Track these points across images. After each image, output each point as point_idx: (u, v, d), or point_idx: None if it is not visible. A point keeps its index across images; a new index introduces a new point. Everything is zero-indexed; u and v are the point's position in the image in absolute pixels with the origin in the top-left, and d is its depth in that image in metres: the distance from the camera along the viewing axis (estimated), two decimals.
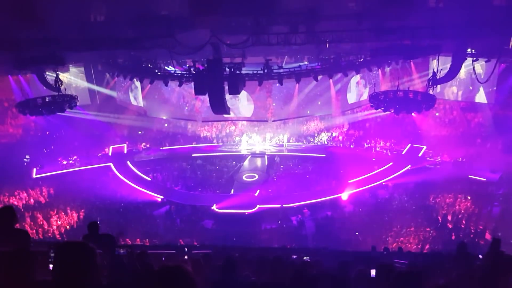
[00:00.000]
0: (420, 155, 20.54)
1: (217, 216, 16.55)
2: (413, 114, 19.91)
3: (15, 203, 17.03)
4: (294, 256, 8.30)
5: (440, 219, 15.94)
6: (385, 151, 21.45)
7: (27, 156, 20.80)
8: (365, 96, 23.27)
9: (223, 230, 15.43)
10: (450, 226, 15.57)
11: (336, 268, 6.08)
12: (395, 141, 22.15)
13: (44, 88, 18.34)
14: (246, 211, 16.52)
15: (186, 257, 8.06)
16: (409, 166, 19.38)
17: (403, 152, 21.19)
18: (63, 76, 19.11)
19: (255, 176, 20.18)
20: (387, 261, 7.79)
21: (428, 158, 20.09)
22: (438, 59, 15.02)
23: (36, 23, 12.49)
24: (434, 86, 15.30)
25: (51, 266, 4.16)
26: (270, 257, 6.23)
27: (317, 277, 5.33)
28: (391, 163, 19.86)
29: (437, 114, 22.48)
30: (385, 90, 18.26)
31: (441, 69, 15.45)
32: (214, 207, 16.65)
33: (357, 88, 23.73)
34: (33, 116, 17.91)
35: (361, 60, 19.22)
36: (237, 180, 20.00)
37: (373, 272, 5.49)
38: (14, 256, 2.75)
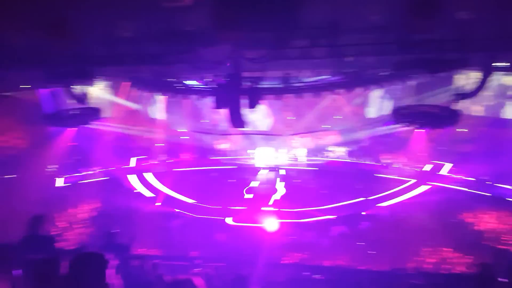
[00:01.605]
0: (442, 172, 19.99)
1: (230, 229, 16.56)
2: (436, 129, 19.46)
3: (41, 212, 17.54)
4: (307, 273, 8.20)
5: (461, 239, 15.42)
6: (405, 168, 20.99)
7: (53, 166, 21.49)
8: (386, 110, 22.90)
9: (236, 243, 15.40)
10: (471, 248, 15.03)
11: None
12: (416, 157, 21.65)
13: (71, 100, 18.98)
14: (259, 225, 16.45)
15: (196, 269, 8.10)
16: (431, 183, 18.89)
17: (425, 169, 20.67)
18: (89, 89, 19.76)
19: (268, 190, 20.10)
20: (402, 281, 7.60)
21: (450, 176, 19.52)
22: (464, 73, 14.69)
23: (65, 39, 13.04)
24: (459, 101, 14.96)
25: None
26: (282, 274, 6.20)
27: None
28: (412, 181, 19.40)
29: (461, 130, 21.90)
30: (408, 105, 17.97)
31: (467, 84, 15.12)
32: (227, 220, 16.67)
33: (378, 102, 23.41)
34: (59, 127, 18.65)
35: (384, 74, 19.00)
36: (251, 193, 19.96)
37: None
38: (42, 264, 2.85)
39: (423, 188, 18.67)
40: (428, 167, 20.71)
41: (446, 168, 20.10)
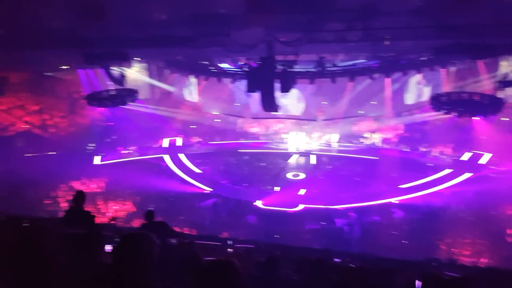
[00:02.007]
0: (482, 162, 19.16)
1: (260, 212, 16.70)
2: (477, 118, 18.61)
3: (79, 188, 18.46)
4: (337, 260, 8.19)
5: (500, 232, 14.83)
6: (443, 157, 20.28)
7: (91, 145, 22.39)
8: (425, 97, 22.07)
9: (266, 226, 15.53)
10: (510, 240, 14.44)
11: (380, 276, 5.92)
12: (455, 146, 20.84)
13: (109, 82, 19.60)
14: (290, 210, 16.50)
15: (229, 250, 8.28)
16: (469, 174, 18.17)
17: (464, 159, 19.89)
18: (127, 71, 20.31)
19: (300, 175, 20.05)
20: (435, 272, 7.44)
21: (491, 167, 18.69)
22: (509, 60, 13.86)
23: (102, 22, 13.45)
24: (504, 89, 14.20)
25: (107, 247, 4.48)
26: (312, 258, 6.22)
27: (360, 284, 5.23)
28: (450, 170, 18.75)
29: (504, 119, 20.82)
30: (448, 92, 17.25)
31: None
32: (258, 203, 16.82)
33: (417, 88, 22.58)
34: (99, 107, 19.37)
35: (423, 58, 18.23)
36: (282, 178, 20.00)
37: (418, 283, 5.29)
38: (85, 238, 2.98)
39: (461, 178, 17.98)
40: (467, 157, 19.91)
41: (486, 158, 19.23)
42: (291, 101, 22.93)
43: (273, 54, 15.05)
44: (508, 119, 20.76)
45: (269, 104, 15.49)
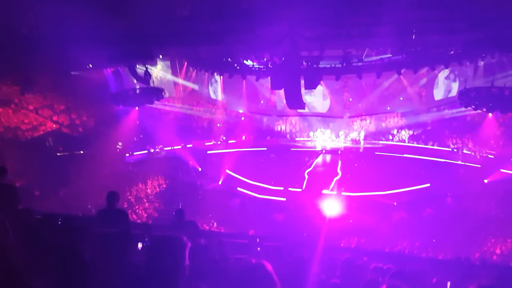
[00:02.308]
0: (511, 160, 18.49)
1: (288, 210, 16.70)
2: (507, 113, 17.97)
3: (110, 187, 18.87)
4: (365, 258, 8.10)
5: None
6: (473, 153, 19.69)
7: (120, 143, 22.86)
8: (454, 92, 21.46)
9: (293, 224, 15.52)
10: None
11: (411, 278, 5.82)
12: (484, 143, 20.18)
13: (135, 80, 19.90)
14: (319, 208, 16.39)
15: (258, 248, 8.32)
16: (500, 171, 17.57)
17: (494, 156, 19.25)
18: (152, 70, 20.53)
19: (329, 173, 19.88)
20: (465, 271, 7.27)
21: None
22: None
23: (126, 20, 13.63)
24: None
25: (139, 245, 4.57)
26: (341, 257, 6.17)
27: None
28: (479, 166, 18.20)
29: None
30: (477, 87, 16.72)
31: None
32: (286, 202, 16.83)
33: (445, 84, 21.98)
34: (125, 106, 19.70)
35: (452, 52, 17.72)
36: (309, 175, 19.88)
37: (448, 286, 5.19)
38: (116, 238, 3.04)
39: (492, 176, 17.42)
40: (498, 154, 19.26)
41: None
42: (316, 98, 22.73)
43: (298, 50, 14.89)
44: None
45: (294, 102, 15.34)
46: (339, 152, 21.66)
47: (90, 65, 21.86)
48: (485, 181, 17.34)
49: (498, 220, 15.12)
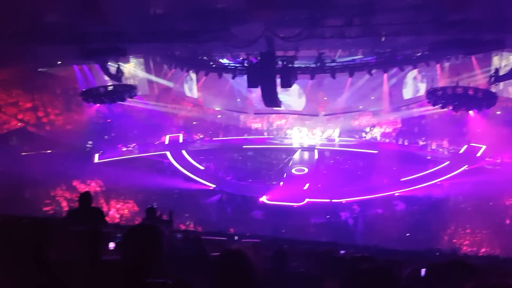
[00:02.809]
0: (478, 155, 19.43)
1: (266, 207, 16.81)
2: (471, 112, 18.88)
3: (80, 187, 18.38)
4: (342, 252, 8.30)
5: (498, 222, 15.11)
6: (441, 150, 20.54)
7: (90, 142, 22.24)
8: (422, 92, 22.29)
9: (272, 221, 15.66)
10: (509, 230, 14.72)
11: (387, 265, 6.04)
12: (452, 139, 21.10)
13: (106, 77, 19.45)
14: (295, 204, 16.64)
15: (236, 245, 8.35)
16: (467, 166, 18.44)
17: (461, 151, 20.16)
18: (124, 67, 20.13)
19: (304, 170, 20.19)
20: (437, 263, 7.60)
21: (487, 159, 18.97)
22: (501, 55, 14.06)
23: (100, 16, 13.35)
24: (497, 83, 14.40)
25: (111, 245, 4.48)
26: (319, 250, 6.32)
27: (369, 271, 5.33)
28: (448, 162, 19.01)
29: (498, 112, 21.08)
30: (443, 86, 17.45)
31: (505, 65, 14.45)
32: (263, 199, 16.93)
33: (413, 83, 22.79)
34: (96, 104, 19.17)
35: (419, 54, 18.43)
36: (286, 172, 20.13)
37: (423, 271, 5.42)
38: (87, 235, 2.94)
39: (459, 170, 18.25)
40: (464, 149, 20.19)
41: (482, 150, 19.53)
42: (292, 96, 22.99)
43: (273, 50, 15.08)
44: (499, 112, 21.07)
45: (271, 100, 15.54)
46: (315, 149, 22.03)
47: (59, 62, 21.24)
48: (453, 174, 18.09)
49: (466, 212, 15.83)
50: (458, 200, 16.89)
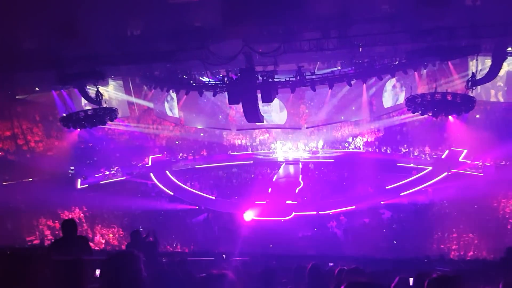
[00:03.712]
0: (460, 159, 19.76)
1: (253, 223, 16.66)
2: (450, 117, 19.26)
3: (64, 214, 17.93)
4: (331, 264, 8.22)
5: (484, 225, 15.27)
6: (423, 156, 20.81)
7: (72, 168, 21.82)
8: (401, 99, 22.70)
9: (260, 237, 15.50)
10: (494, 232, 14.88)
11: (375, 277, 5.98)
12: (433, 145, 21.44)
13: (86, 101, 19.24)
14: (282, 219, 16.54)
15: (224, 264, 8.20)
16: (449, 170, 18.70)
17: (443, 157, 20.48)
18: (103, 90, 19.98)
19: (290, 184, 20.15)
20: (426, 269, 7.58)
21: (469, 162, 19.29)
22: (477, 59, 14.43)
23: (76, 40, 13.21)
24: (474, 88, 14.72)
25: (97, 272, 4.36)
26: (307, 265, 6.24)
27: (357, 285, 5.27)
28: (430, 168, 19.25)
29: (477, 116, 21.59)
30: (422, 93, 17.77)
31: (481, 70, 14.83)
32: (250, 215, 16.79)
33: (393, 92, 23.20)
34: (76, 129, 18.84)
35: (396, 63, 18.82)
36: (272, 187, 20.05)
37: (411, 281, 5.37)
38: (70, 266, 2.87)
39: (442, 175, 18.50)
40: (446, 154, 20.51)
41: (464, 154, 19.87)
42: (273, 111, 23.12)
43: (253, 65, 15.16)
44: (479, 116, 21.58)
45: (252, 115, 15.53)
46: (300, 162, 22.07)
47: (37, 88, 20.95)
48: (437, 180, 18.27)
49: (451, 217, 15.98)
50: (443, 205, 17.05)
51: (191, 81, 19.96)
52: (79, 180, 20.96)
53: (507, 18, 11.47)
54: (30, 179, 20.48)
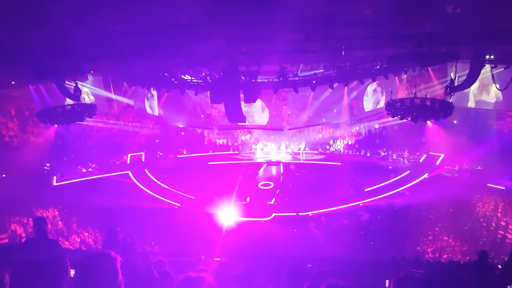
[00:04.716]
0: (437, 163, 20.23)
1: (233, 224, 16.58)
2: (428, 122, 19.68)
3: (39, 211, 17.42)
4: (309, 265, 8.24)
5: (459, 228, 15.66)
6: (402, 159, 21.20)
7: (48, 164, 21.25)
8: (382, 103, 23.02)
9: (240, 238, 15.44)
10: (468, 235, 15.27)
11: (352, 279, 6.02)
12: (412, 149, 21.86)
13: (64, 97, 18.74)
14: (262, 219, 16.53)
15: (203, 265, 8.10)
16: (427, 174, 19.10)
17: (420, 160, 20.92)
18: (82, 85, 19.54)
19: (270, 184, 20.18)
20: (403, 271, 7.68)
21: (445, 167, 19.75)
22: (456, 66, 14.76)
23: (55, 34, 12.86)
24: (452, 94, 15.04)
25: (72, 272, 4.23)
26: (286, 266, 6.23)
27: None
28: (408, 172, 19.61)
29: (455, 121, 22.13)
30: (401, 98, 18.08)
31: (459, 76, 15.19)
32: (230, 216, 16.70)
33: (373, 96, 23.51)
34: (53, 125, 18.36)
35: (377, 67, 19.08)
36: (253, 188, 20.01)
37: (387, 283, 5.43)
38: (47, 265, 2.78)
39: (420, 179, 18.88)
40: (424, 158, 20.95)
41: (441, 159, 20.34)
42: (256, 111, 23.09)
43: (236, 65, 15.09)
44: (456, 121, 22.13)
45: (235, 115, 15.44)
46: (281, 163, 22.12)
47: (13, 82, 20.29)
48: (414, 183, 18.60)
49: (427, 220, 16.32)
50: (420, 208, 17.40)
51: (173, 79, 19.70)
52: (55, 177, 20.45)
53: (487, 26, 11.76)
54: (4, 175, 19.92)
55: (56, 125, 18.80)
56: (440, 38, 13.00)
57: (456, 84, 15.04)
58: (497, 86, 16.66)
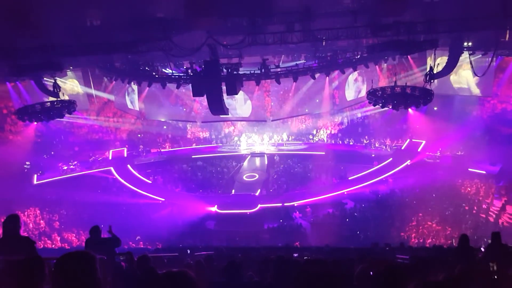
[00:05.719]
0: (419, 150, 20.57)
1: (219, 217, 16.57)
2: (409, 110, 19.97)
3: (19, 212, 17.02)
4: (296, 255, 8.32)
5: (441, 212, 16.00)
6: (384, 147, 21.48)
7: (28, 163, 20.76)
8: (363, 92, 23.22)
9: (226, 230, 15.48)
10: (451, 220, 15.62)
11: (339, 267, 6.08)
12: (394, 136, 22.17)
13: (43, 93, 18.32)
14: (248, 211, 16.56)
15: (189, 259, 8.08)
16: (409, 161, 19.42)
17: (403, 148, 21.24)
18: (61, 81, 19.09)
19: (255, 176, 20.20)
20: (388, 256, 7.83)
21: (427, 153, 20.11)
22: (434, 54, 14.98)
23: (32, 30, 12.49)
24: (432, 81, 15.27)
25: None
26: (273, 257, 6.25)
27: (320, 275, 5.33)
28: (391, 159, 19.91)
29: (435, 108, 22.52)
30: (382, 86, 18.29)
31: (439, 64, 15.43)
32: (215, 208, 16.68)
33: (355, 85, 23.70)
34: (32, 122, 17.90)
35: (358, 56, 19.22)
36: (237, 180, 20.03)
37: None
38: (25, 265, 2.72)
39: (402, 166, 19.18)
40: (406, 145, 21.27)
41: (423, 145, 20.68)
42: (238, 103, 22.99)
43: (217, 57, 14.96)
44: (437, 108, 22.53)
45: (217, 108, 15.37)
46: (265, 154, 22.15)
47: None
48: (397, 170, 18.88)
49: (411, 206, 16.63)
50: (403, 194, 17.71)
51: (154, 73, 19.43)
52: (35, 176, 19.98)
53: (464, 14, 11.95)
54: None
55: (35, 123, 18.32)
56: (419, 26, 13.18)
57: (435, 72, 15.31)
58: (475, 72, 17.05)
